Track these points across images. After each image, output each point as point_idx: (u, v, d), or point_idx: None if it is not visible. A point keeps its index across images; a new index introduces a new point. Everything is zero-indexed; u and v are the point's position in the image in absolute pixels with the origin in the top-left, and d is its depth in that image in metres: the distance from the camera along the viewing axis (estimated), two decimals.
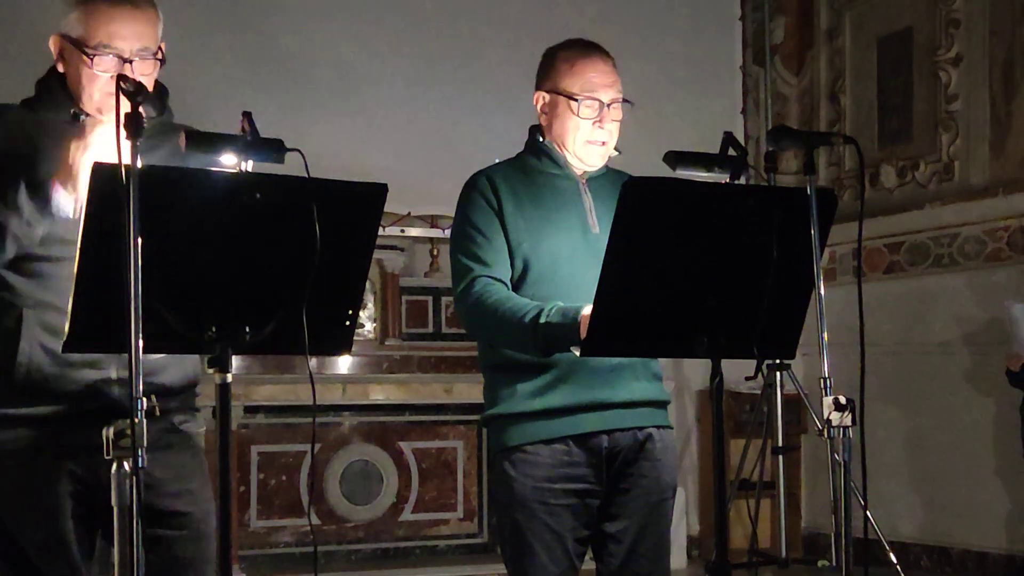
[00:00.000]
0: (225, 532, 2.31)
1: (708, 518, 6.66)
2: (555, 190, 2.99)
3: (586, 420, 2.90)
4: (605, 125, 2.99)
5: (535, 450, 2.90)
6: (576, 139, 2.99)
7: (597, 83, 3.00)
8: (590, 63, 3.02)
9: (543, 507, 2.88)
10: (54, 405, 2.53)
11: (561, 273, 2.88)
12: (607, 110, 2.99)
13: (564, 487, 2.89)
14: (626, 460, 2.95)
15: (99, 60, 2.56)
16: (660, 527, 3.01)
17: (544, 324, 2.74)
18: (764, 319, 2.60)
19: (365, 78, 6.02)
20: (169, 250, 2.19)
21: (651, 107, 6.45)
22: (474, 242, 2.92)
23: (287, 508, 5.85)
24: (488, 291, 2.86)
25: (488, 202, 2.95)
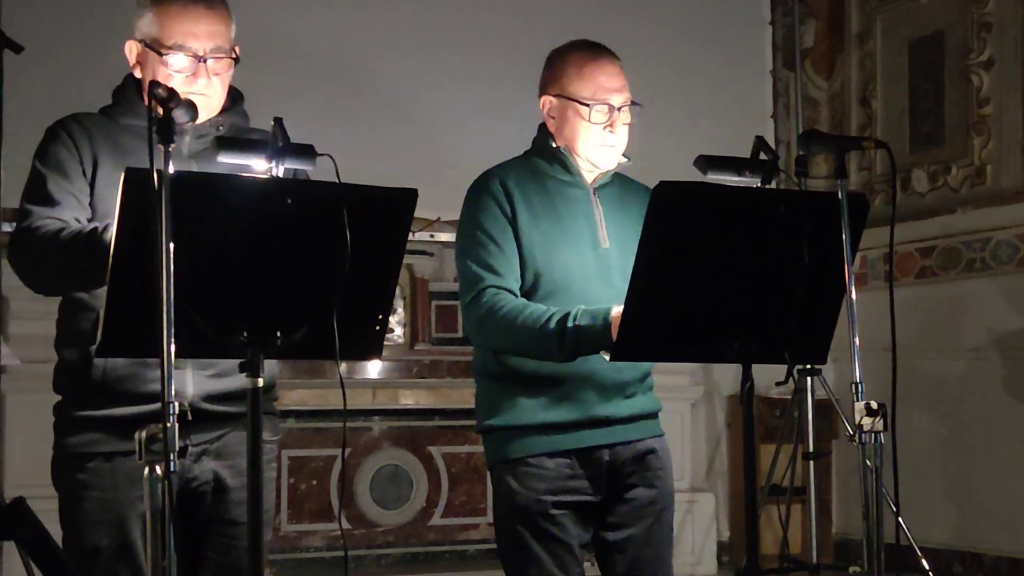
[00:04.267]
0: (256, 536, 2.32)
1: (738, 524, 6.63)
2: (567, 200, 2.97)
3: (590, 435, 2.92)
4: (616, 129, 2.98)
5: (538, 463, 2.91)
6: (587, 144, 2.98)
7: (607, 87, 2.97)
8: (599, 67, 2.98)
9: (546, 519, 2.88)
10: (130, 406, 2.55)
11: (572, 288, 2.88)
12: (617, 114, 2.97)
13: (565, 499, 2.90)
14: (627, 472, 2.97)
15: (174, 59, 2.60)
16: (662, 536, 3.02)
17: (573, 327, 2.73)
18: (795, 324, 2.59)
19: (396, 83, 6.03)
20: (201, 255, 2.20)
21: (681, 111, 6.45)
22: (485, 249, 2.90)
23: (317, 513, 5.87)
24: (501, 301, 2.84)
25: (501, 208, 2.93)
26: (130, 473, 2.47)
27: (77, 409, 2.60)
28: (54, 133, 2.65)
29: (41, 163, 2.62)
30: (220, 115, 2.72)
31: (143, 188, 2.11)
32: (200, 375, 2.61)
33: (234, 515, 2.65)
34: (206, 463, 2.65)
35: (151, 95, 2.21)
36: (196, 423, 2.55)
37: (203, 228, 2.20)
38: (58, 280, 2.58)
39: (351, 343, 2.37)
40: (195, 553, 2.67)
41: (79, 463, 2.60)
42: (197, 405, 2.58)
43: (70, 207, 2.57)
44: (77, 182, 2.60)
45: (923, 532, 5.75)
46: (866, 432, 2.60)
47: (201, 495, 2.66)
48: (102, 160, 2.61)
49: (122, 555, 2.58)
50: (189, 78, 2.62)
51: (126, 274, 2.17)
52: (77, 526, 2.60)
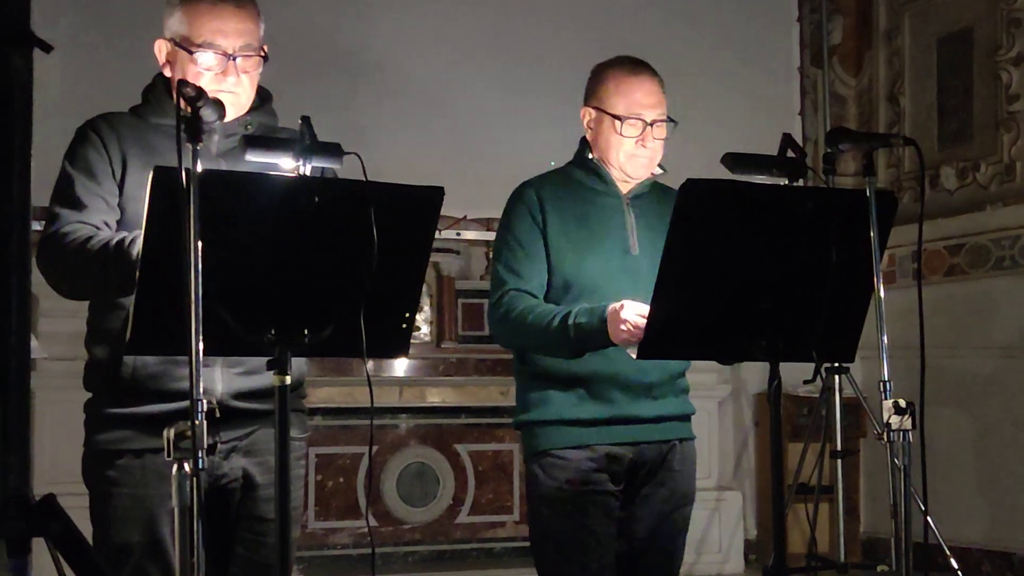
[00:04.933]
0: (284, 533, 2.33)
1: (766, 522, 6.61)
2: (600, 208, 3.07)
3: (616, 432, 3.02)
4: (648, 144, 3.07)
5: (563, 455, 3.01)
6: (619, 155, 3.08)
7: (642, 103, 3.06)
8: (636, 83, 3.08)
9: (568, 504, 2.99)
10: (159, 404, 2.56)
11: (601, 293, 2.95)
12: (650, 129, 3.06)
13: (586, 489, 2.99)
14: (649, 470, 3.07)
15: (203, 57, 2.61)
16: (671, 533, 3.12)
17: (573, 325, 2.85)
18: (823, 322, 2.59)
19: (424, 82, 6.04)
20: (229, 253, 2.21)
21: (709, 109, 6.43)
22: (514, 255, 3.04)
23: (345, 510, 5.88)
24: (516, 301, 2.98)
25: (533, 217, 3.05)
26: (160, 470, 2.48)
27: (107, 406, 2.61)
28: (83, 134, 2.66)
29: (70, 164, 2.63)
30: (249, 114, 2.73)
31: (172, 187, 2.12)
32: (229, 373, 2.62)
33: (263, 512, 2.66)
34: (235, 460, 2.66)
35: (179, 94, 2.22)
36: (225, 420, 2.57)
37: (231, 226, 2.21)
38: (85, 289, 2.62)
39: (378, 341, 2.38)
40: (224, 550, 2.68)
41: (109, 460, 2.61)
42: (226, 403, 2.59)
43: (98, 210, 2.59)
44: (105, 183, 2.61)
45: (952, 531, 5.72)
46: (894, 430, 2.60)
47: (230, 492, 2.67)
48: (131, 160, 2.62)
49: (152, 551, 2.59)
50: (218, 76, 2.63)
51: (155, 272, 2.19)
52: (107, 523, 2.61)
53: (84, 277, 2.54)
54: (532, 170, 3.34)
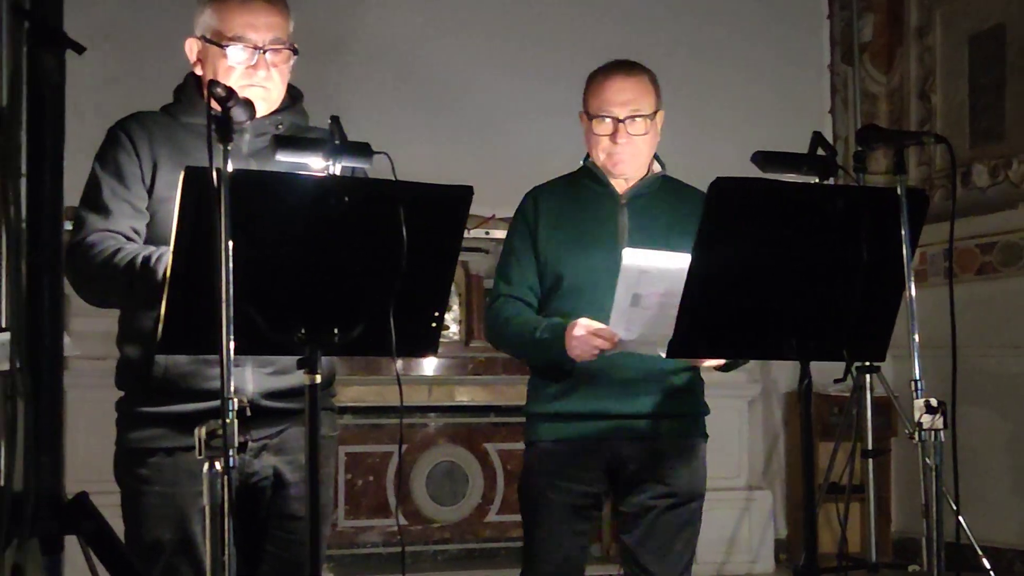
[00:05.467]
0: (315, 531, 2.34)
1: (796, 522, 6.59)
2: (595, 208, 3.17)
3: (591, 427, 3.10)
4: (620, 140, 3.14)
5: (545, 448, 3.15)
6: (599, 154, 3.18)
7: (612, 100, 3.15)
8: (608, 82, 3.18)
9: (542, 495, 3.12)
10: (191, 403, 2.58)
11: (587, 289, 3.05)
12: (623, 125, 3.13)
13: (562, 484, 3.10)
14: (636, 468, 3.12)
15: (233, 51, 2.63)
16: (667, 532, 3.14)
17: (539, 339, 3.03)
18: (854, 321, 2.58)
19: (453, 80, 6.05)
20: (259, 253, 2.22)
21: (739, 107, 6.42)
22: (507, 261, 3.21)
23: (374, 508, 5.90)
24: (504, 308, 3.15)
25: (526, 221, 3.20)
26: (191, 468, 2.48)
27: (139, 405, 2.63)
28: (114, 136, 2.67)
29: (100, 167, 2.65)
30: (279, 113, 2.74)
31: (203, 187, 2.13)
32: (259, 372, 2.63)
33: (293, 510, 2.67)
34: (266, 458, 2.67)
35: (210, 94, 2.24)
36: (256, 419, 2.57)
37: (262, 226, 2.22)
38: (111, 302, 2.67)
39: (407, 340, 2.38)
40: (255, 547, 2.69)
41: (141, 458, 2.63)
42: (257, 402, 2.60)
43: (124, 216, 2.60)
44: (134, 187, 2.62)
45: (984, 531, 5.68)
46: (926, 430, 2.58)
47: (261, 490, 2.68)
48: (161, 161, 2.63)
49: (182, 549, 2.60)
50: (248, 70, 2.64)
51: (186, 272, 2.20)
52: (138, 520, 2.63)
53: (110, 291, 2.58)
54: (562, 168, 3.35)
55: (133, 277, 2.47)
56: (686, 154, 6.23)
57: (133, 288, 2.48)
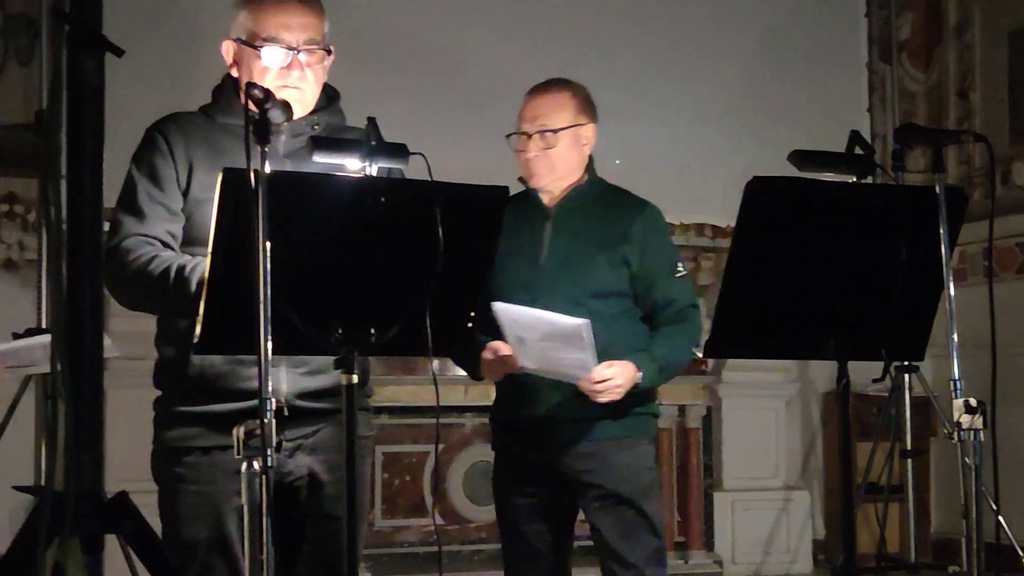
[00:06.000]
0: (352, 531, 2.35)
1: (834, 522, 6.55)
2: (524, 221, 3.29)
3: (514, 431, 3.28)
4: (529, 154, 3.31)
5: (497, 453, 3.40)
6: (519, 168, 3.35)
7: (524, 117, 3.37)
8: (526, 101, 3.42)
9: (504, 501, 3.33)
10: (226, 403, 2.59)
11: (508, 299, 3.11)
12: (530, 140, 3.30)
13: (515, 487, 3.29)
14: (580, 470, 3.24)
15: (267, 52, 2.64)
16: (618, 532, 3.28)
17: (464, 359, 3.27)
18: (892, 320, 2.56)
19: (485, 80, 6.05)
20: (296, 254, 2.23)
21: (776, 106, 6.39)
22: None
23: (411, 508, 5.91)
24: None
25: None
26: (227, 467, 2.50)
27: (176, 405, 2.64)
28: (150, 137, 2.69)
29: (136, 169, 2.66)
30: (315, 114, 2.74)
31: (240, 188, 2.14)
32: (294, 373, 2.64)
33: (329, 509, 2.68)
34: (300, 458, 2.68)
35: (248, 96, 2.25)
36: (290, 419, 2.58)
37: (299, 227, 2.23)
38: (145, 309, 2.68)
39: (444, 340, 2.39)
40: (291, 547, 2.71)
41: (177, 457, 2.64)
42: (291, 402, 2.61)
43: (159, 219, 2.62)
44: (169, 189, 2.64)
45: None
46: (965, 429, 2.57)
47: (296, 490, 2.69)
48: (198, 163, 2.65)
49: (218, 548, 2.62)
50: (283, 71, 2.65)
51: (224, 273, 2.21)
52: (175, 519, 2.65)
53: (144, 299, 2.61)
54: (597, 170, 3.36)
55: (167, 287, 2.49)
56: (723, 153, 6.26)
57: (167, 297, 2.50)
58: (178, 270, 2.50)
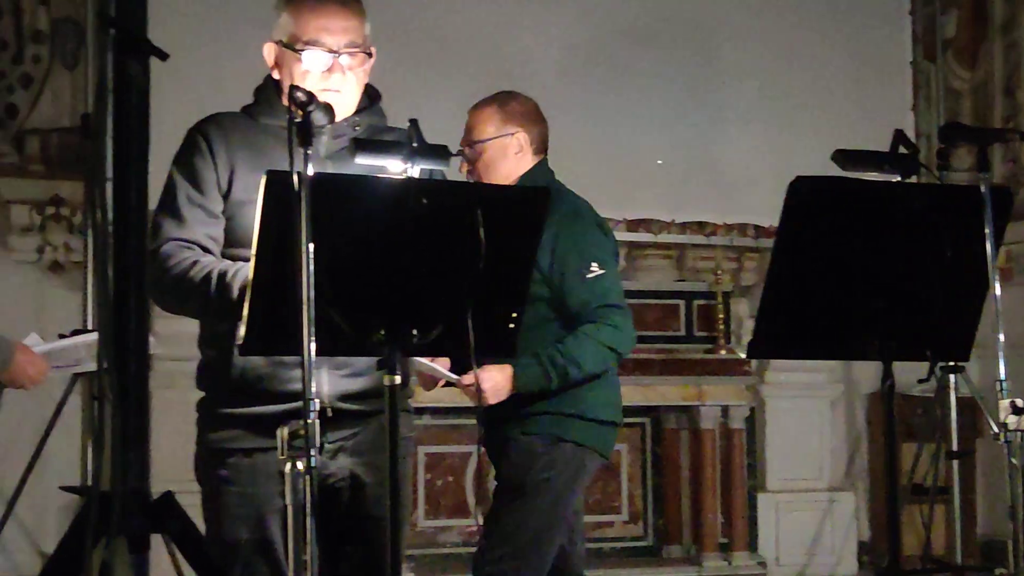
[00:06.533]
0: (395, 531, 2.35)
1: (879, 524, 6.51)
2: None
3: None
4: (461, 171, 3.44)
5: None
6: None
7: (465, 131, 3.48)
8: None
9: None
10: (268, 405, 2.59)
11: None
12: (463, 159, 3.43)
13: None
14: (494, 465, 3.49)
15: (308, 56, 2.65)
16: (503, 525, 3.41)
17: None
18: (937, 321, 2.54)
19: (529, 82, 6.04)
20: (339, 255, 2.24)
21: (820, 105, 6.36)
22: None
23: (453, 508, 5.92)
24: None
25: None
26: (269, 469, 2.51)
27: (219, 406, 2.66)
28: (192, 139, 2.70)
29: (177, 170, 2.67)
30: (357, 114, 2.75)
31: (283, 191, 2.16)
32: (335, 375, 2.65)
33: (371, 510, 2.69)
34: (342, 460, 2.69)
35: (290, 99, 2.26)
36: (332, 421, 2.60)
37: (341, 229, 2.25)
38: (188, 314, 2.69)
39: (486, 341, 2.39)
40: (333, 548, 2.72)
41: (220, 458, 2.66)
42: (332, 404, 2.62)
43: (199, 223, 2.62)
44: (209, 192, 2.64)
45: None
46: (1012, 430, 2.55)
47: (337, 491, 2.70)
48: (239, 165, 2.66)
49: (260, 549, 2.63)
50: (324, 74, 2.66)
51: (267, 275, 2.23)
52: (218, 520, 2.66)
53: (186, 305, 2.62)
54: (641, 170, 3.36)
55: (209, 293, 2.51)
56: (767, 153, 6.23)
57: (208, 303, 2.52)
58: (219, 276, 2.51)
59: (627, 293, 6.18)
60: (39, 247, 5.51)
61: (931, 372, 2.62)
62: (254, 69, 2.84)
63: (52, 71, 5.59)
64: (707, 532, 5.98)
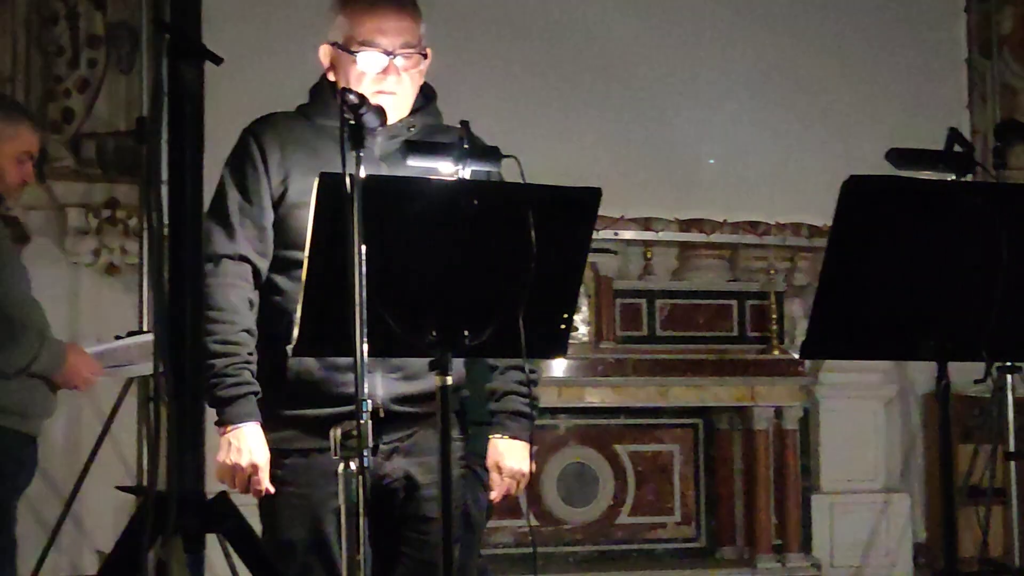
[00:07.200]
0: (448, 532, 2.36)
1: (935, 525, 6.44)
2: None
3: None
4: None
5: None
6: None
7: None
8: None
9: None
10: (323, 408, 2.61)
11: None
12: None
13: None
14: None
15: (363, 57, 2.66)
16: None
17: None
18: (993, 320, 2.52)
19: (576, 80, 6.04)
20: (391, 256, 2.26)
21: (874, 103, 6.30)
22: None
23: (505, 509, 5.88)
24: None
25: None
26: (324, 470, 2.53)
27: (276, 407, 2.68)
28: (245, 143, 2.71)
29: (229, 176, 2.69)
30: (412, 115, 2.76)
31: (336, 192, 2.17)
32: (389, 378, 2.66)
33: (426, 512, 2.69)
34: (397, 461, 2.70)
35: (342, 101, 2.28)
36: (386, 423, 2.61)
37: (393, 230, 2.26)
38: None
39: (537, 341, 2.40)
40: (389, 549, 2.73)
41: (277, 459, 2.68)
42: (387, 407, 2.63)
43: (248, 237, 2.64)
44: (258, 202, 2.65)
45: None
46: None
47: (392, 492, 2.71)
48: (293, 168, 2.67)
49: (316, 549, 2.65)
50: (379, 76, 2.66)
51: (321, 276, 2.24)
52: (274, 520, 2.68)
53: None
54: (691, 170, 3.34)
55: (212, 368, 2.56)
56: (820, 152, 6.19)
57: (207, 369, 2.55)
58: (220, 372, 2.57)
59: (680, 293, 6.23)
60: (95, 250, 5.57)
61: (987, 372, 2.60)
62: (308, 73, 2.86)
63: (107, 75, 5.65)
64: (760, 533, 5.95)
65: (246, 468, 2.58)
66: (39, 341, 3.54)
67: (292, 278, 2.60)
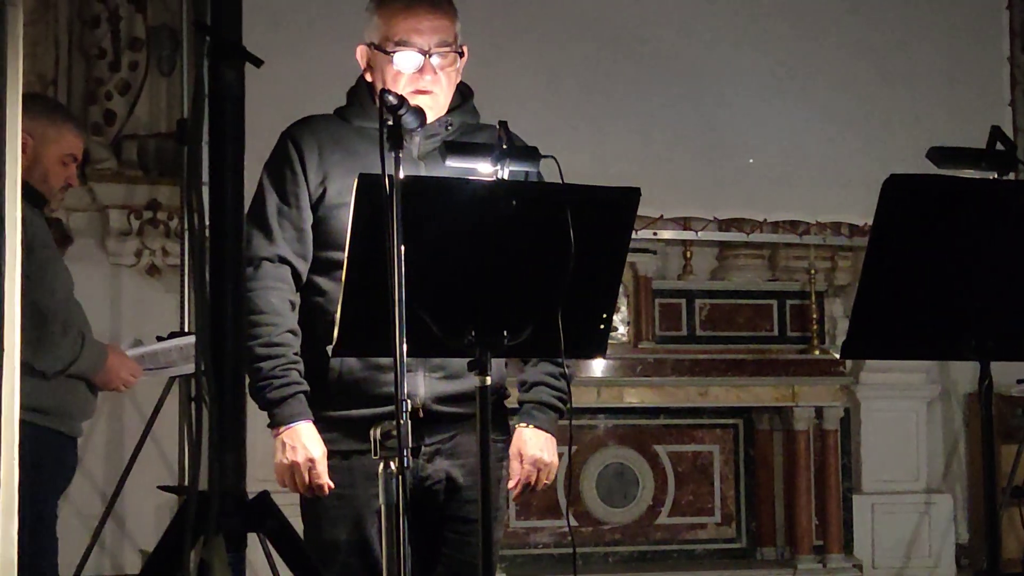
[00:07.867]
0: (487, 532, 2.36)
1: (978, 526, 6.40)
2: None
3: None
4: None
5: None
6: None
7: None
8: None
9: None
10: (365, 408, 2.62)
11: None
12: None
13: None
14: None
15: (399, 57, 2.67)
16: None
17: None
18: None
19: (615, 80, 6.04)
20: (430, 257, 2.26)
21: (914, 101, 6.26)
22: None
23: (545, 509, 5.93)
24: None
25: None
26: (366, 471, 2.54)
27: (317, 408, 2.68)
28: (284, 146, 2.72)
29: (268, 178, 2.70)
30: (449, 114, 2.76)
31: (375, 194, 2.18)
32: (431, 377, 2.66)
33: (467, 513, 2.70)
34: (438, 462, 2.70)
35: (382, 102, 2.28)
36: (428, 424, 2.62)
37: (432, 231, 2.26)
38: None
39: (576, 342, 2.40)
40: (430, 549, 2.73)
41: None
42: (429, 407, 2.64)
43: (287, 240, 2.65)
44: (297, 204, 2.67)
45: None
46: None
47: (434, 493, 2.72)
48: (332, 169, 2.67)
49: (358, 550, 2.66)
50: (415, 75, 2.67)
51: (361, 277, 2.25)
52: (316, 521, 2.69)
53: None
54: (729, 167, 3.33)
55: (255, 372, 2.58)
56: (860, 151, 6.15)
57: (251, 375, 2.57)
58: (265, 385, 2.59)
59: (719, 293, 6.21)
60: (137, 251, 5.62)
61: None
62: (346, 74, 2.87)
63: (149, 78, 5.70)
64: (801, 534, 5.93)
65: (303, 464, 2.58)
66: (80, 342, 3.57)
67: (333, 279, 2.61)
